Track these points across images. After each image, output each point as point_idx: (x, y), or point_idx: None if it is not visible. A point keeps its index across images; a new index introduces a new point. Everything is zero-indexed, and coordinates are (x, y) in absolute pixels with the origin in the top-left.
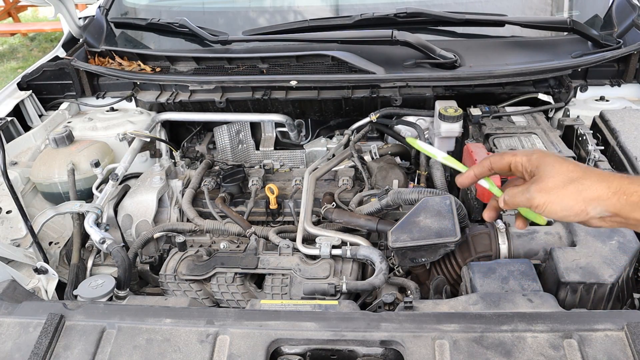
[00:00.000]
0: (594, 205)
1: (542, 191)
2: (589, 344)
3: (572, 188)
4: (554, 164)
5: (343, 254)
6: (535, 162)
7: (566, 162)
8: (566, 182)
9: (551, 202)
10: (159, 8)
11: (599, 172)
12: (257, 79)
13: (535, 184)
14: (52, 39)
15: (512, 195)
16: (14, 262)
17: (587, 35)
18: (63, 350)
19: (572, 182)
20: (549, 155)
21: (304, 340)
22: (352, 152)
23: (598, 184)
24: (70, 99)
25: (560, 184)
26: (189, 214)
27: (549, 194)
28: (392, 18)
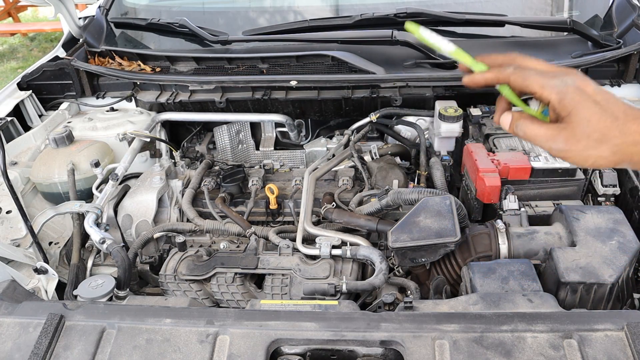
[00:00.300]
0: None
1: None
2: (589, 344)
3: (605, 149)
4: (590, 117)
5: (343, 254)
6: (568, 107)
7: (604, 116)
8: (599, 142)
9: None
10: (159, 8)
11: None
12: (257, 79)
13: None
14: (52, 39)
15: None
16: (14, 262)
17: (587, 36)
18: (63, 350)
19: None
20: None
21: (304, 340)
22: (352, 152)
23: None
24: (70, 99)
25: (593, 144)
26: (188, 214)
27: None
28: (392, 18)
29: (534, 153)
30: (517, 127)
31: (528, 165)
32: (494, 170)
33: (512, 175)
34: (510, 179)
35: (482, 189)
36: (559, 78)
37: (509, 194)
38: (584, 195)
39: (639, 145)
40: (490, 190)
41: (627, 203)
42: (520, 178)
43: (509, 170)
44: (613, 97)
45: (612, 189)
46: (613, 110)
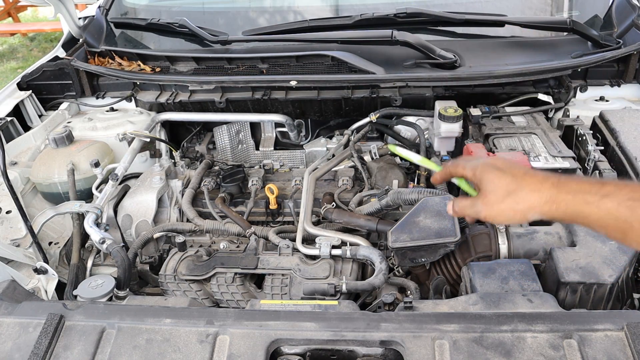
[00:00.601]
0: (531, 213)
1: (485, 205)
2: (588, 344)
3: (510, 201)
4: (493, 179)
5: (343, 254)
6: (478, 176)
7: (504, 176)
8: (504, 196)
9: (494, 215)
10: (159, 8)
11: (534, 181)
12: (257, 79)
13: (480, 199)
14: (52, 39)
15: (462, 208)
16: (14, 262)
17: (587, 36)
18: (63, 350)
19: (509, 196)
20: (490, 170)
21: (303, 341)
22: (352, 152)
23: (531, 194)
24: (70, 99)
25: (500, 198)
26: (188, 214)
27: (492, 208)
28: (392, 18)
29: (533, 153)
30: (454, 206)
31: (528, 165)
32: None
33: None
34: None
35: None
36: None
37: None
38: None
39: (536, 192)
40: None
41: None
42: None
43: None
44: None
45: None
46: (512, 172)
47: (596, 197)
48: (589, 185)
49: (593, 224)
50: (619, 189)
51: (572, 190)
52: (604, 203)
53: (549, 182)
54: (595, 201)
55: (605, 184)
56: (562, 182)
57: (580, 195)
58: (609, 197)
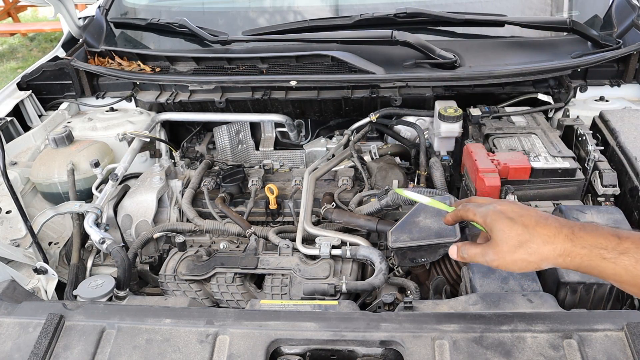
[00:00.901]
0: (544, 263)
1: (497, 255)
2: (588, 344)
3: (522, 252)
4: (504, 229)
5: (343, 254)
6: (489, 225)
7: (515, 226)
8: (517, 247)
9: (507, 265)
10: (159, 8)
11: (546, 232)
12: (257, 79)
13: (491, 248)
14: (52, 39)
15: (472, 256)
16: (14, 262)
17: (586, 36)
18: (63, 350)
19: (522, 247)
20: (500, 219)
21: (303, 341)
22: (351, 152)
23: (544, 246)
24: (70, 99)
25: (512, 249)
26: (188, 214)
27: (505, 258)
28: (391, 18)
29: (533, 153)
30: (462, 252)
31: (528, 165)
32: (494, 170)
33: (512, 175)
34: (510, 179)
35: (481, 189)
36: (486, 206)
37: (509, 194)
38: (583, 195)
39: (549, 244)
40: (490, 190)
41: (627, 203)
42: (520, 178)
43: (508, 170)
44: (527, 212)
45: (612, 189)
46: (523, 221)
47: (613, 253)
48: (605, 240)
49: (609, 277)
50: (637, 244)
51: (588, 244)
52: (622, 260)
53: (562, 235)
54: (612, 257)
55: (623, 239)
56: (577, 236)
57: (596, 250)
58: (626, 255)
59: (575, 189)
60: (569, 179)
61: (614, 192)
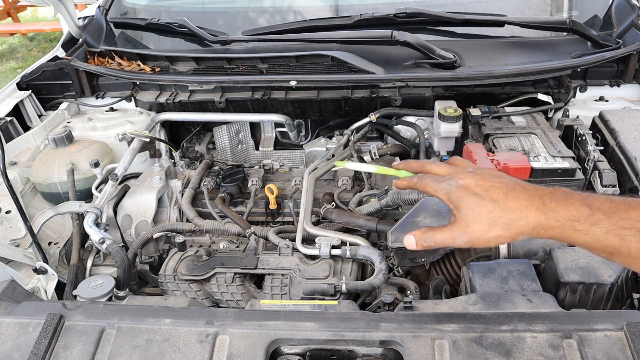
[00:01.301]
0: (520, 237)
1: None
2: (588, 344)
3: (497, 229)
4: (473, 207)
5: (343, 254)
6: (455, 203)
7: (484, 203)
8: (490, 225)
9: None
10: (159, 8)
11: (517, 206)
12: (257, 79)
13: (461, 230)
14: (52, 39)
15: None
16: (14, 262)
17: (586, 36)
18: (62, 350)
19: (495, 224)
20: (466, 196)
21: (303, 340)
22: (351, 152)
23: (518, 221)
24: (69, 99)
25: (485, 228)
26: (188, 214)
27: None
28: (391, 18)
29: (533, 153)
30: (425, 240)
31: (527, 165)
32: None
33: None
34: None
35: None
36: (447, 181)
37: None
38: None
39: (522, 219)
40: None
41: None
42: (520, 178)
43: (508, 170)
44: (493, 184)
45: (612, 189)
46: (492, 196)
47: (585, 225)
48: (576, 212)
49: (580, 245)
50: (608, 216)
51: (560, 217)
52: (593, 231)
53: (534, 207)
54: (584, 229)
55: (594, 210)
56: (549, 207)
57: (569, 223)
58: (597, 226)
59: (575, 188)
60: (568, 179)
61: (613, 192)
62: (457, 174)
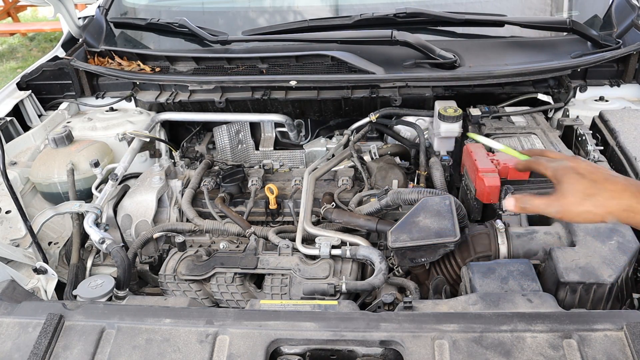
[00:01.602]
0: (609, 217)
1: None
2: (588, 344)
3: (588, 204)
4: (572, 182)
5: (343, 254)
6: (558, 178)
7: (583, 181)
8: (583, 199)
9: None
10: (159, 8)
11: (614, 188)
12: (257, 79)
13: (557, 200)
14: (52, 39)
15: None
16: (14, 262)
17: (586, 36)
18: (62, 350)
19: (588, 199)
20: (570, 173)
21: (303, 340)
22: (351, 152)
23: (610, 201)
24: (69, 99)
25: (578, 201)
26: (188, 214)
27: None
28: (391, 18)
29: None
30: (523, 202)
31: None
32: (494, 170)
33: (512, 176)
34: (509, 179)
35: (481, 189)
36: (558, 162)
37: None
38: None
39: (615, 199)
40: (490, 190)
41: None
42: (520, 178)
43: (508, 170)
44: (597, 170)
45: None
46: (592, 177)
47: None
48: None
49: None
50: None
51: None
52: None
53: (629, 192)
54: None
55: None
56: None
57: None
58: None
59: None
60: None
61: None
62: (570, 157)
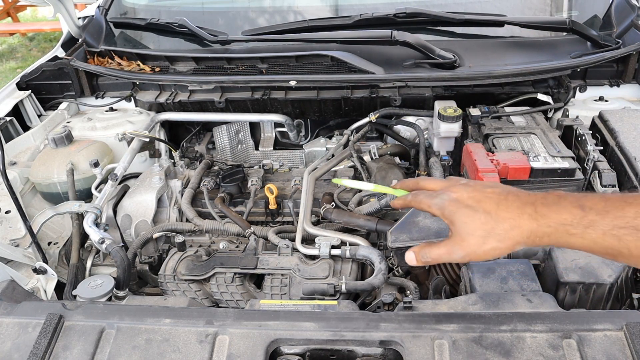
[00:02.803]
0: (516, 247)
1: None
2: (588, 344)
3: (492, 241)
4: (466, 220)
5: (342, 254)
6: (448, 217)
7: (477, 215)
8: (484, 237)
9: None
10: (158, 8)
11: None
12: (257, 79)
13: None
14: (51, 39)
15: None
16: (13, 262)
17: (586, 36)
18: (62, 350)
19: (490, 236)
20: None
21: (303, 341)
22: (351, 152)
23: (511, 231)
24: (69, 99)
25: (480, 240)
26: (188, 214)
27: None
28: (391, 18)
29: (533, 153)
30: (423, 256)
31: (527, 165)
32: (493, 170)
33: (512, 175)
34: (509, 179)
35: None
36: (440, 196)
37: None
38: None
39: (516, 228)
40: None
41: None
42: (520, 178)
43: (508, 170)
44: (484, 195)
45: (611, 189)
46: (484, 207)
47: (579, 228)
48: (569, 215)
49: (579, 249)
50: (602, 216)
51: (553, 223)
52: (588, 234)
53: (526, 215)
54: (578, 232)
55: (587, 211)
56: (540, 214)
57: (562, 227)
58: (592, 228)
59: (574, 189)
60: (568, 179)
61: (613, 192)
62: (449, 187)
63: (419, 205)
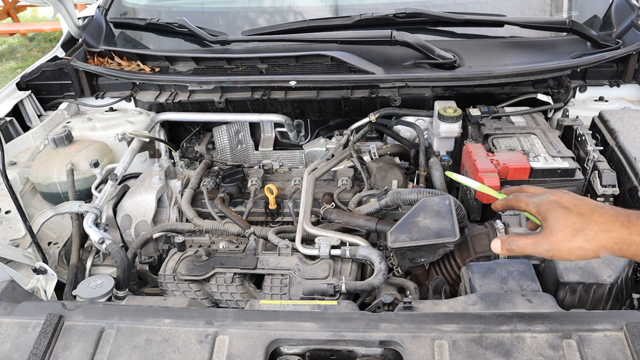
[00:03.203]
0: (602, 251)
1: (551, 244)
2: (588, 344)
3: (579, 240)
4: (559, 218)
5: (342, 254)
6: (543, 214)
7: (570, 215)
8: (573, 235)
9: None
10: (158, 8)
11: (603, 219)
12: (257, 79)
13: (544, 238)
14: (51, 39)
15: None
16: (13, 262)
17: (586, 36)
18: (62, 350)
19: (578, 234)
20: (555, 208)
21: (303, 341)
22: (351, 152)
23: (601, 234)
24: (69, 99)
25: (568, 237)
26: (188, 214)
27: (560, 248)
28: (391, 18)
29: (533, 153)
30: (509, 244)
31: (527, 165)
32: (493, 170)
33: (512, 176)
34: (509, 179)
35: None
36: (539, 196)
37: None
38: (583, 195)
39: (606, 232)
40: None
41: (626, 203)
42: (520, 178)
43: (508, 171)
44: (582, 201)
45: (611, 189)
46: (579, 210)
47: None
48: None
49: None
50: None
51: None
52: None
53: (619, 222)
54: None
55: None
56: (633, 224)
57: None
58: None
59: (574, 189)
60: (568, 179)
61: (613, 192)
62: (550, 191)
63: (518, 204)
